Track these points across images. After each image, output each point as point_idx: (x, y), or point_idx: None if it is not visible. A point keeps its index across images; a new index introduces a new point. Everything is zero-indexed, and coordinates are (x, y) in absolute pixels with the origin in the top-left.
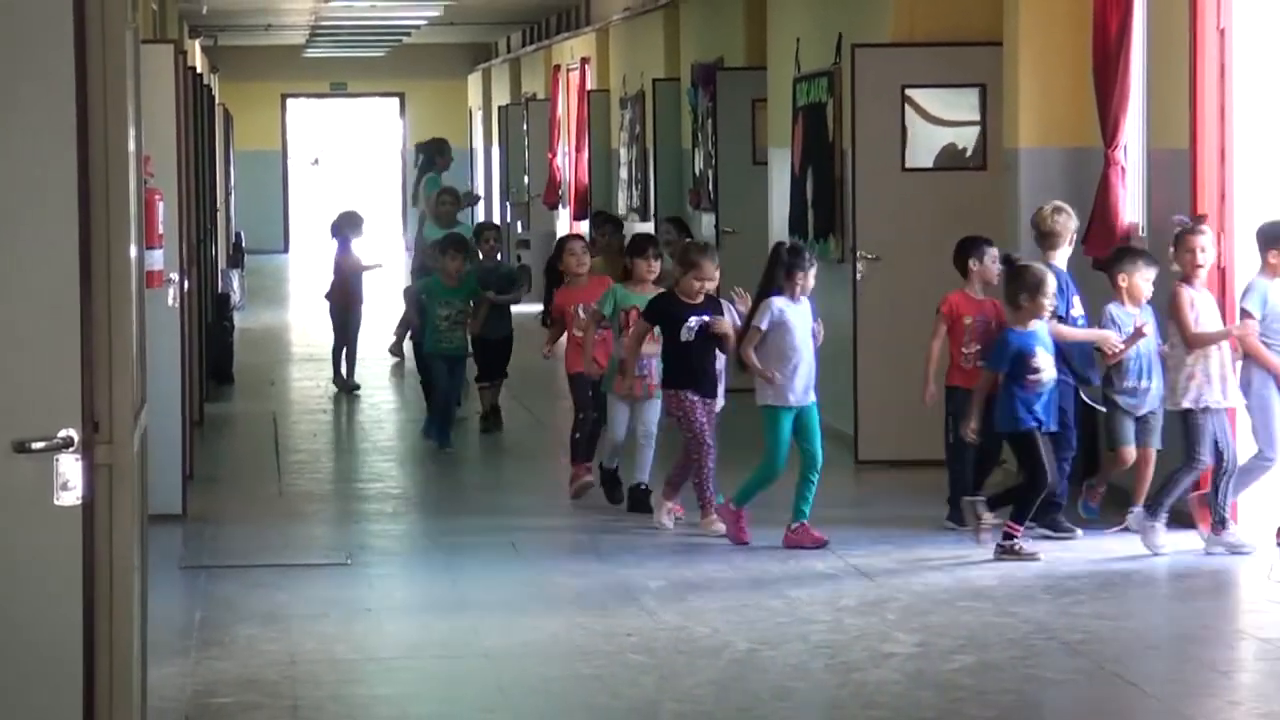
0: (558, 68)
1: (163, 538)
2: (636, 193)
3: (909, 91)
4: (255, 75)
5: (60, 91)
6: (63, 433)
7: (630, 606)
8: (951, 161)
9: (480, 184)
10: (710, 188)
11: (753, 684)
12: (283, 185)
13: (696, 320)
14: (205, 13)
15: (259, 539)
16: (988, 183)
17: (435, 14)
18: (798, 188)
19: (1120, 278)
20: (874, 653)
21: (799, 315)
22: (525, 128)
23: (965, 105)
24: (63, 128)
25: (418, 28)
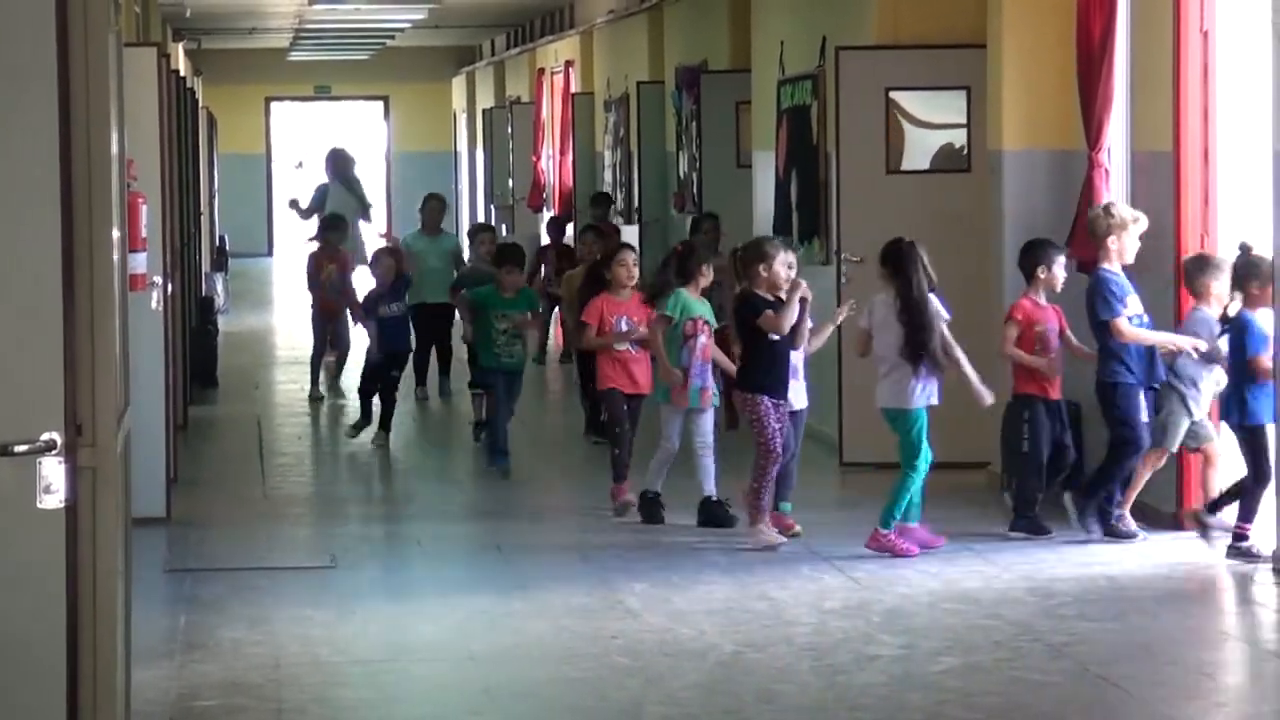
0: (542, 71)
1: (147, 541)
2: (621, 196)
3: (893, 94)
4: (239, 78)
5: (42, 95)
6: (45, 436)
7: (616, 609)
8: (936, 164)
9: (465, 187)
10: (694, 190)
11: (738, 686)
12: (267, 188)
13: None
14: (189, 16)
15: (243, 542)
16: (972, 185)
17: (420, 17)
18: (782, 190)
19: (1212, 285)
20: (859, 655)
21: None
22: (510, 131)
23: (950, 108)
24: (45, 131)
25: (402, 31)
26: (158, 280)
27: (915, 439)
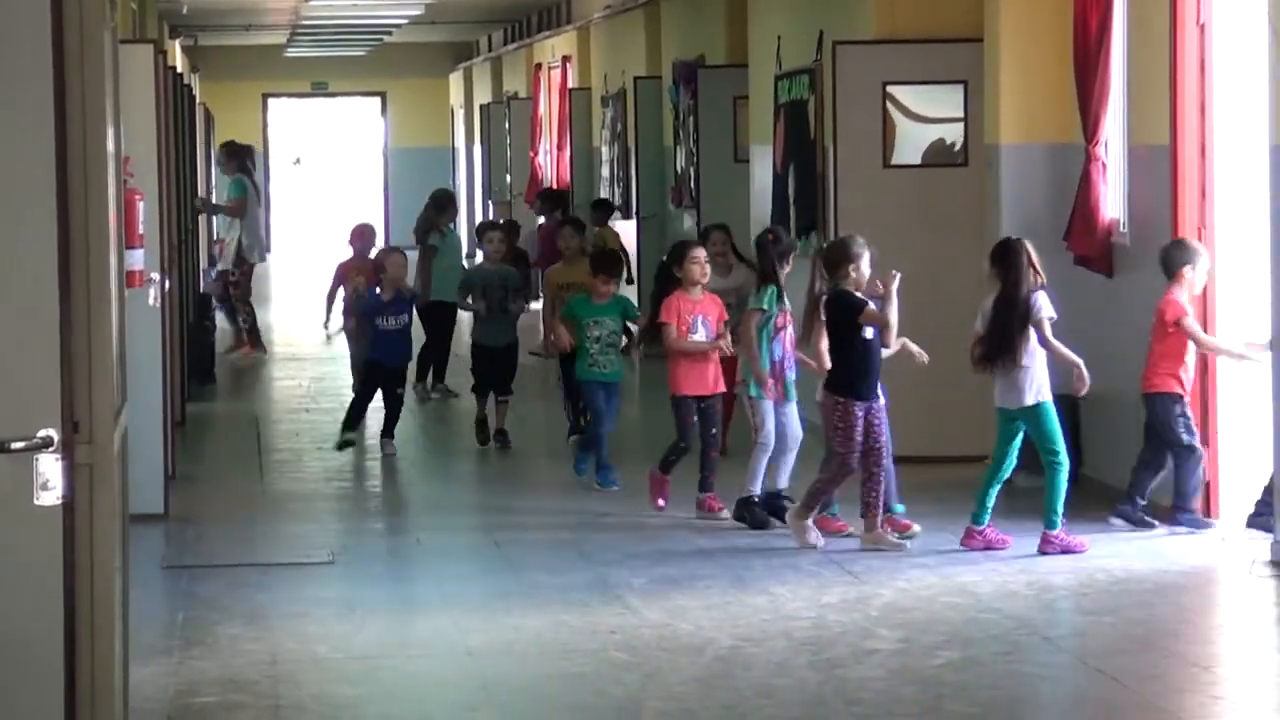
0: (539, 66)
1: (144, 537)
2: (618, 191)
3: (890, 88)
4: (236, 75)
5: (39, 91)
6: (42, 432)
7: (614, 604)
8: (933, 158)
9: (462, 183)
10: (692, 185)
11: (736, 681)
12: (264, 185)
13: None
14: (185, 12)
15: (241, 538)
16: (970, 179)
17: (416, 13)
18: (779, 185)
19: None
20: (857, 649)
21: None
22: (507, 126)
23: (947, 102)
24: (41, 128)
25: (399, 27)
26: (155, 277)
27: (1048, 434)
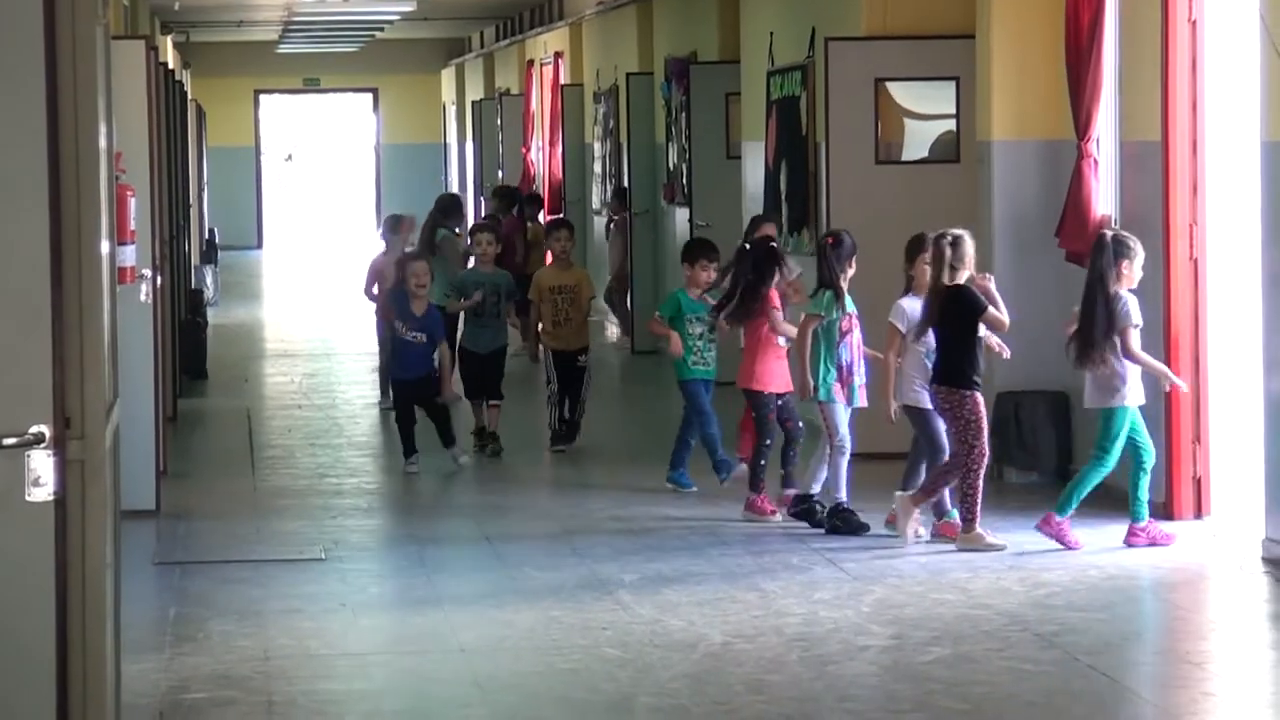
0: (531, 62)
1: (136, 533)
2: (610, 187)
3: (882, 85)
4: (228, 71)
5: (30, 87)
6: (34, 428)
7: (605, 600)
8: (925, 154)
9: (455, 179)
10: (684, 182)
11: (728, 677)
12: (256, 181)
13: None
14: (177, 8)
15: (233, 534)
16: (961, 175)
17: (408, 9)
18: (771, 181)
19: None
20: (849, 645)
21: None
22: (499, 122)
23: (939, 98)
24: (33, 124)
25: (391, 23)
26: (147, 273)
27: (1113, 436)
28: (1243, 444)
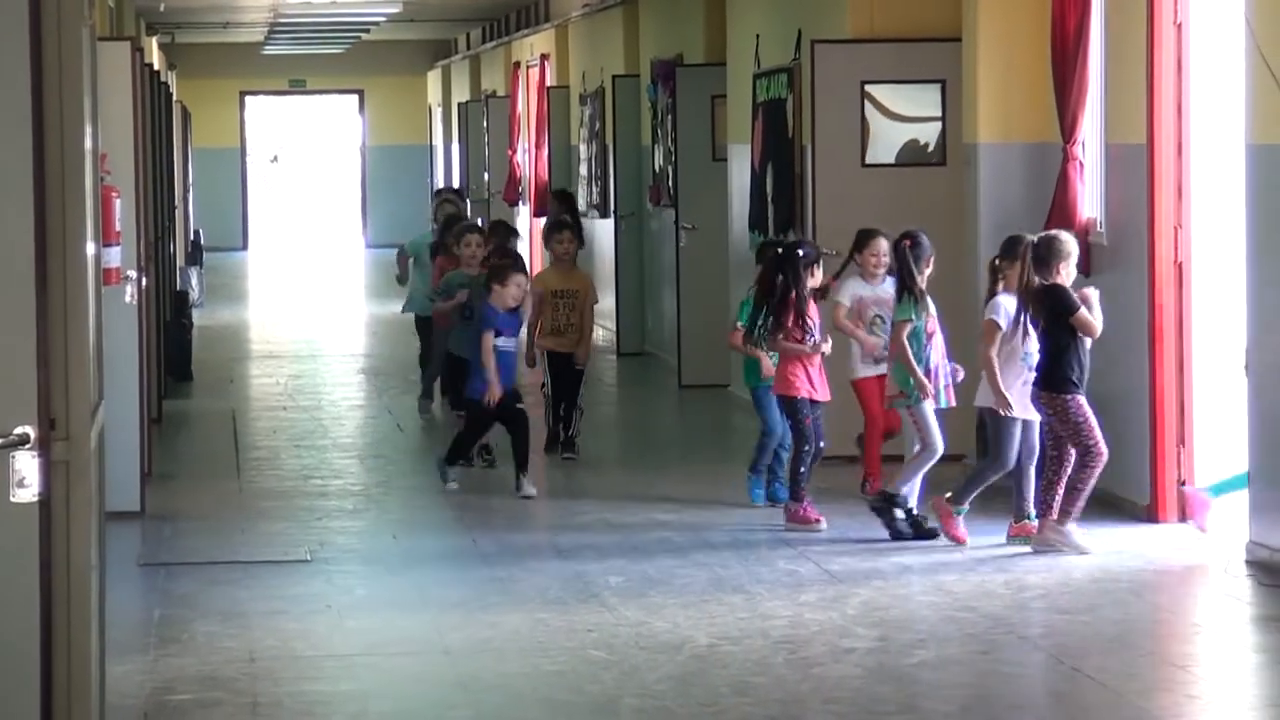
0: (517, 64)
1: (121, 535)
2: (596, 189)
3: (869, 87)
4: (213, 72)
5: (15, 88)
6: (19, 429)
7: (591, 602)
8: (911, 157)
9: (440, 181)
10: (670, 184)
11: (713, 679)
12: (241, 182)
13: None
14: (162, 9)
15: (218, 536)
16: (947, 178)
17: (395, 10)
18: (758, 184)
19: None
20: (834, 648)
21: None
22: (485, 124)
23: (925, 101)
24: (18, 125)
25: (377, 24)
26: (132, 274)
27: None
28: (1227, 447)
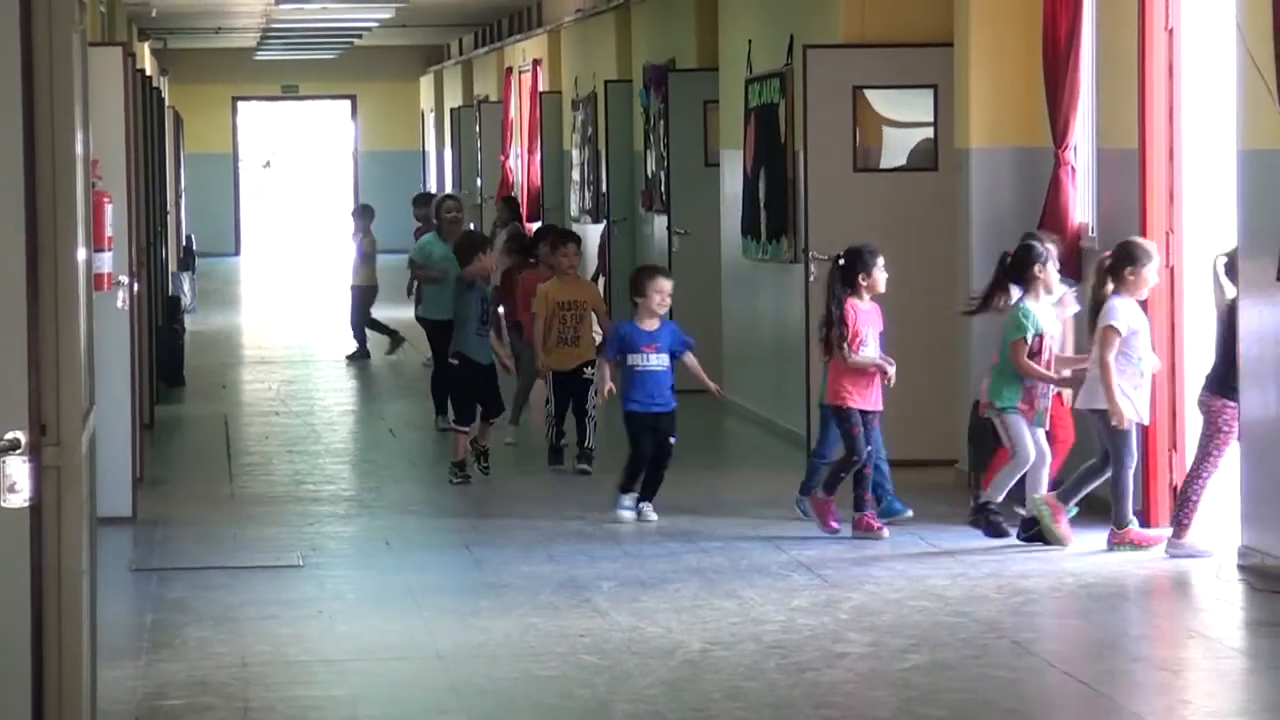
0: (510, 69)
1: (112, 540)
2: (589, 194)
3: (861, 92)
4: (206, 78)
5: (7, 94)
6: (10, 435)
7: (583, 607)
8: (903, 162)
9: (433, 187)
10: (662, 189)
11: (705, 684)
12: (234, 188)
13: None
14: (154, 15)
15: (210, 541)
16: (939, 183)
17: (387, 16)
18: (750, 189)
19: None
20: (826, 653)
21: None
22: (478, 129)
23: (917, 106)
24: (9, 130)
25: (369, 30)
26: (123, 279)
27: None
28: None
